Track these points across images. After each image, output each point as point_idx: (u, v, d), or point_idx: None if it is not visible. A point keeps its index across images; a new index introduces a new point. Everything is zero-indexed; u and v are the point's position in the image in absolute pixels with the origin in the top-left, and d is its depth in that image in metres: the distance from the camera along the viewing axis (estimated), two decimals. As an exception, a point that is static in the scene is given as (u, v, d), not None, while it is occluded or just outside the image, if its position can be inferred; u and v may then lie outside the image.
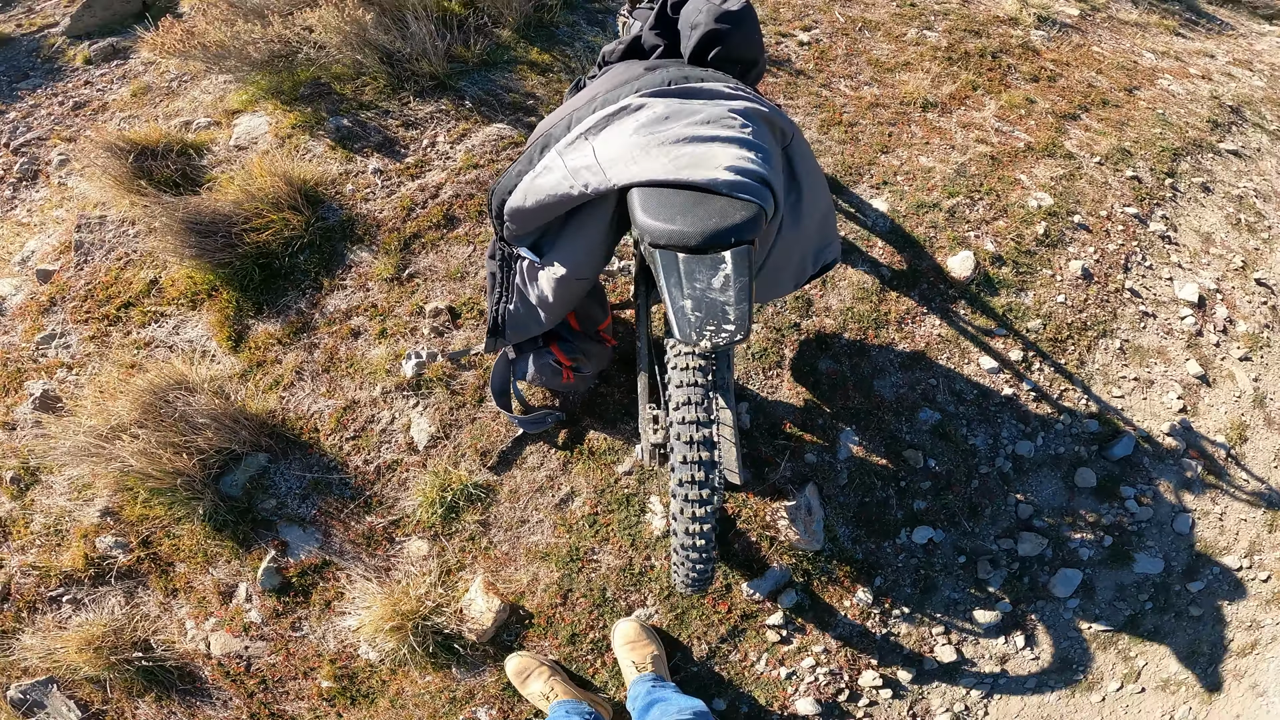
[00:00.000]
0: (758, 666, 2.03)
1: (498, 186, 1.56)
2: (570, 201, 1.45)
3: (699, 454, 1.45)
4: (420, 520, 2.10)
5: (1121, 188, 3.12)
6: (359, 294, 2.42)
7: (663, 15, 1.70)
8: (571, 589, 2.06)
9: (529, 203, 1.50)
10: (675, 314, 1.35)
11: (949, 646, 2.14)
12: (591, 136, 1.44)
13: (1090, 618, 2.25)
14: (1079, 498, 2.35)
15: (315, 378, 2.30)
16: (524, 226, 1.57)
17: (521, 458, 2.20)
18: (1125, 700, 2.22)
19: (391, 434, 2.23)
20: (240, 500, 2.11)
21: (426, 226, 2.51)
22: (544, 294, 1.69)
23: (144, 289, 2.50)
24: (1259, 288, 3.04)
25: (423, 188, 2.60)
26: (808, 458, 2.23)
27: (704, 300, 1.30)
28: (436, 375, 2.26)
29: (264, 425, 2.17)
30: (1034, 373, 2.49)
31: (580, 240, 1.57)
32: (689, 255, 1.25)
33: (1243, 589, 2.40)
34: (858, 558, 2.16)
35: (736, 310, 1.31)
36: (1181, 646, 2.29)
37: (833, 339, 2.41)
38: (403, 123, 2.80)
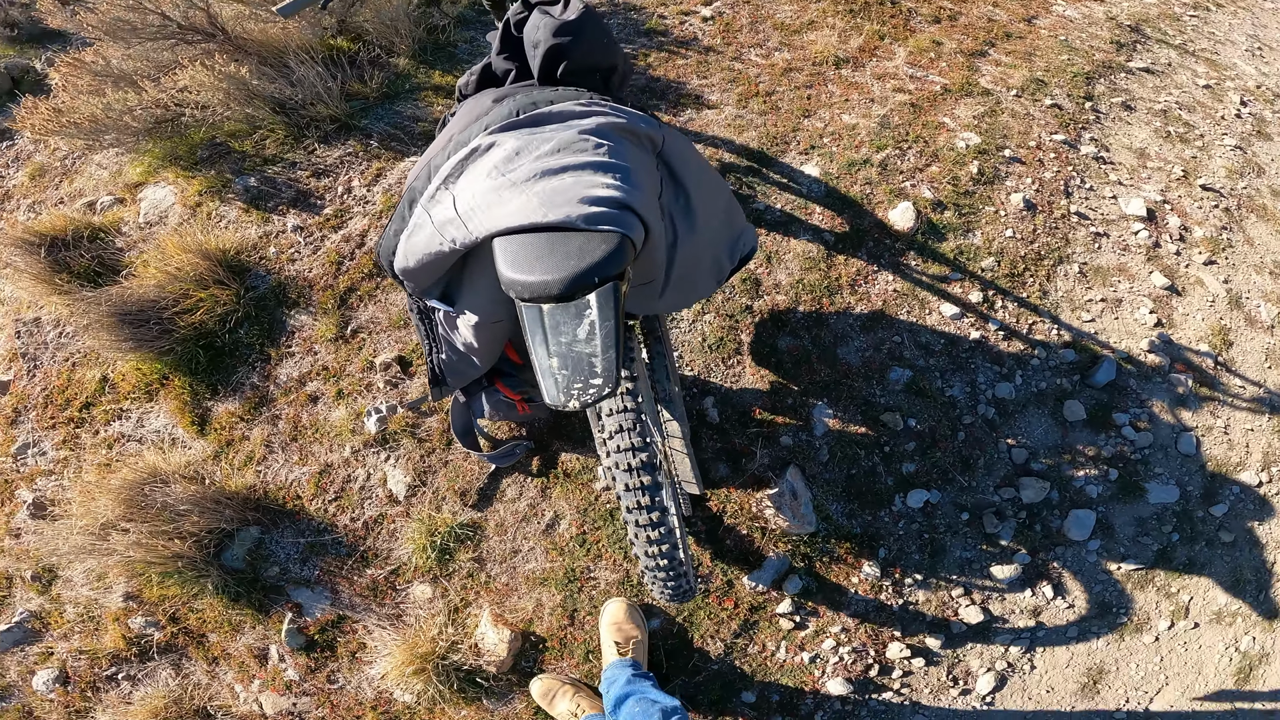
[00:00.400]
0: (778, 655, 2.21)
1: (381, 250, 1.60)
2: (448, 258, 1.47)
3: (640, 480, 1.53)
4: (417, 566, 2.31)
5: (1044, 117, 3.37)
6: (307, 359, 2.60)
7: (508, 37, 1.74)
8: (576, 608, 2.24)
9: (412, 263, 1.52)
10: (542, 375, 1.34)
11: (974, 607, 2.29)
12: (451, 185, 1.46)
13: (1116, 558, 2.40)
14: (1073, 433, 2.53)
15: (285, 448, 2.50)
16: (422, 283, 1.60)
17: (500, 492, 2.38)
18: (1180, 638, 2.38)
19: (370, 490, 2.42)
20: (245, 571, 2.34)
21: (360, 278, 2.69)
22: (468, 340, 1.77)
23: (98, 388, 2.70)
24: (1206, 193, 3.28)
25: (347, 238, 2.79)
26: (783, 440, 2.41)
27: (569, 355, 1.30)
28: (400, 427, 2.45)
29: (247, 501, 2.39)
30: (998, 311, 2.68)
31: (482, 285, 1.60)
32: (554, 306, 1.27)
33: (1269, 506, 2.57)
34: (856, 532, 2.33)
35: (603, 360, 1.30)
36: (1224, 576, 2.45)
37: (788, 314, 2.60)
38: (312, 172, 2.98)
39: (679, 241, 1.63)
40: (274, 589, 2.34)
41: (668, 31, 3.55)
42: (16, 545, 2.53)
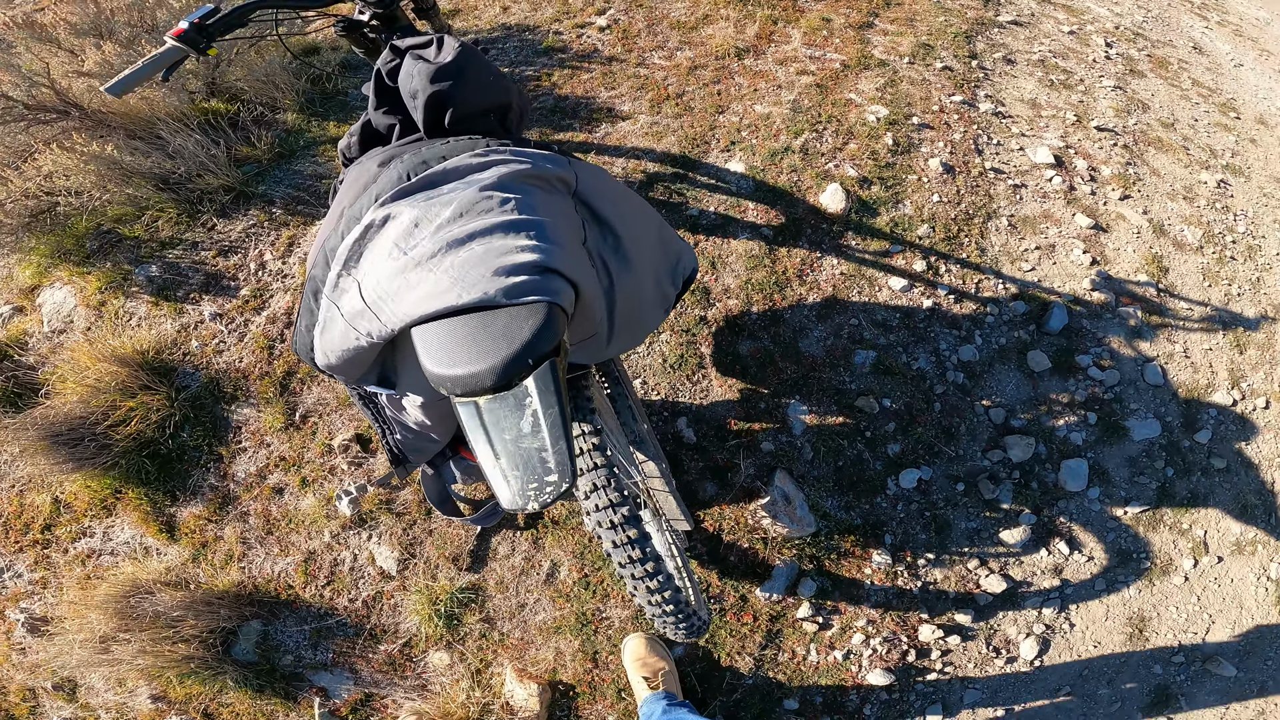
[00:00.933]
0: (810, 658, 2.34)
1: (297, 347, 1.54)
2: (370, 351, 1.39)
3: (625, 535, 1.56)
4: (428, 635, 2.40)
5: (939, 80, 3.67)
6: (262, 452, 2.66)
7: (382, 88, 1.65)
8: (596, 650, 2.36)
9: (334, 359, 1.45)
10: (493, 478, 1.25)
11: (994, 576, 2.45)
12: (352, 269, 1.39)
13: (1119, 502, 2.60)
14: (1043, 383, 2.75)
15: (262, 542, 2.56)
16: (350, 376, 1.53)
17: (492, 550, 2.48)
18: (1209, 574, 2.57)
19: (360, 569, 2.50)
20: (260, 663, 2.41)
21: (296, 360, 2.70)
22: (419, 419, 1.78)
23: (53, 509, 2.72)
24: (1102, 134, 3.63)
25: (273, 319, 2.80)
26: (764, 446, 2.56)
27: (518, 453, 1.22)
28: (375, 505, 2.55)
29: (239, 597, 2.46)
30: (944, 275, 2.91)
31: (416, 366, 1.64)
32: (490, 400, 1.22)
33: (1250, 424, 2.81)
34: (857, 524, 2.50)
35: (555, 455, 1.22)
36: (1229, 504, 2.66)
37: (743, 318, 2.79)
38: (218, 251, 3.00)
39: (615, 284, 1.59)
40: (294, 676, 2.41)
41: (566, 47, 3.69)
42: (26, 660, 2.59)
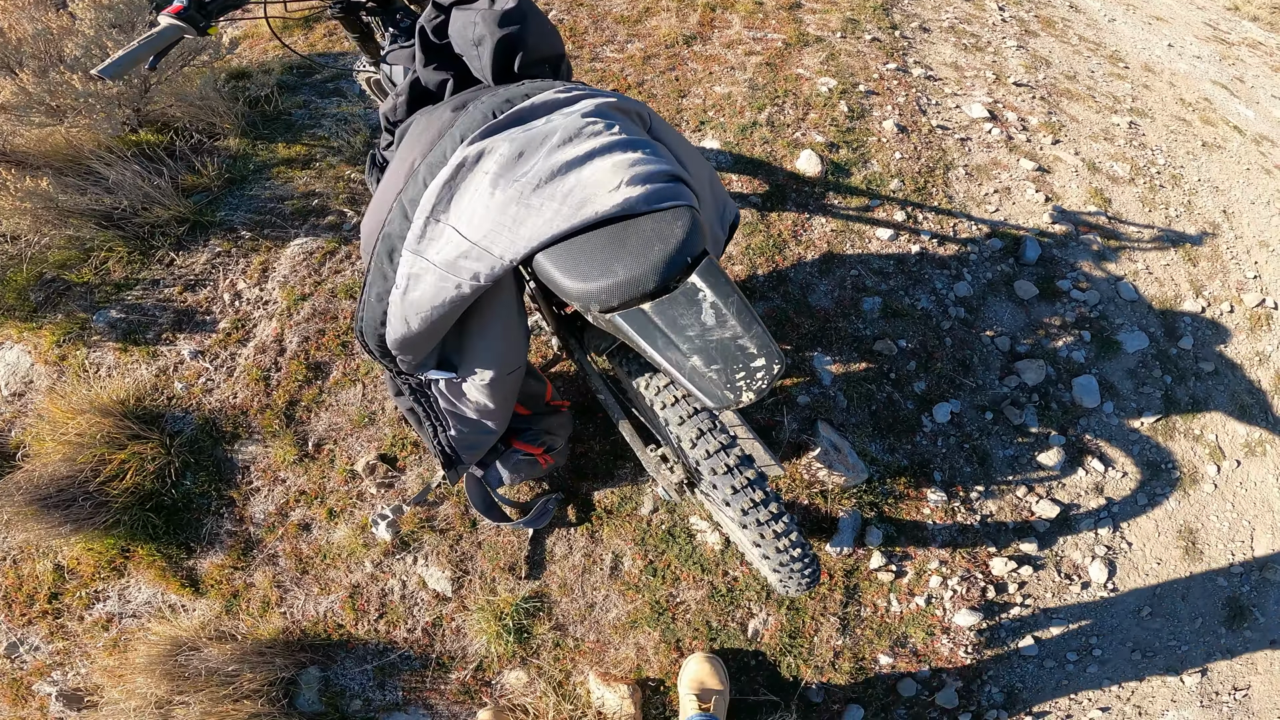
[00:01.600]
0: (894, 608, 2.26)
1: (364, 323, 1.45)
2: (464, 302, 1.34)
3: (745, 477, 1.48)
4: (499, 655, 2.18)
5: (871, 50, 3.82)
6: (278, 489, 2.39)
7: (429, 47, 1.59)
8: (679, 638, 2.20)
9: (414, 326, 1.39)
10: (691, 380, 1.19)
11: (1044, 501, 2.44)
12: (443, 216, 1.31)
13: (1133, 414, 2.66)
14: (1034, 310, 2.83)
15: (299, 583, 2.29)
16: (419, 351, 1.49)
17: (549, 553, 2.29)
18: (1233, 480, 2.64)
19: (413, 596, 2.26)
20: (328, 713, 2.18)
21: (297, 387, 2.49)
22: (481, 404, 1.68)
23: (55, 577, 2.36)
24: (1020, 89, 3.86)
25: (261, 348, 2.56)
26: (800, 400, 2.51)
27: (711, 347, 1.16)
28: (414, 525, 2.32)
29: (289, 644, 2.21)
30: (923, 223, 3.00)
31: (493, 333, 1.52)
32: (657, 303, 1.16)
33: (1222, 328, 2.94)
34: (904, 465, 2.46)
35: (754, 338, 1.16)
36: (1229, 406, 2.76)
37: (751, 281, 2.76)
38: (183, 286, 2.73)
39: None
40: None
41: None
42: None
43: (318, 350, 2.56)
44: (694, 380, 1.20)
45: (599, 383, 1.87)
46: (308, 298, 2.68)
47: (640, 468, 2.36)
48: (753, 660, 2.19)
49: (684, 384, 1.21)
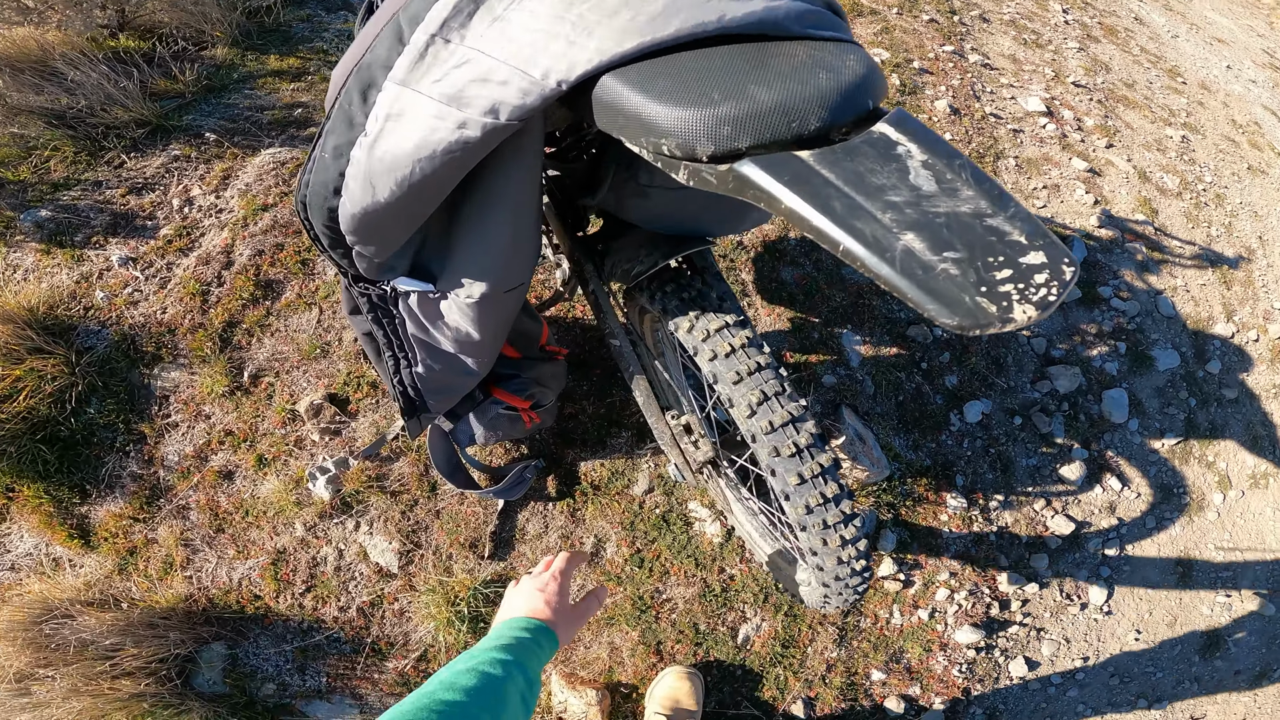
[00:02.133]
0: (894, 620, 2.01)
1: (309, 190, 1.02)
2: (467, 157, 0.91)
3: (818, 462, 1.13)
4: (449, 644, 1.82)
5: (928, 31, 3.54)
6: (200, 427, 1.97)
7: None
8: (660, 640, 1.88)
9: (383, 195, 0.95)
10: (906, 274, 0.69)
11: (1060, 516, 2.22)
12: (457, 33, 0.89)
13: (1155, 434, 2.45)
14: (1072, 313, 2.57)
15: (212, 543, 1.88)
16: (386, 241, 1.06)
17: (519, 530, 1.92)
18: (1235, 509, 2.45)
19: (350, 569, 1.88)
20: (234, 695, 1.82)
21: (240, 307, 2.07)
22: (463, 332, 1.26)
23: None
24: (1079, 89, 3.61)
25: (206, 259, 2.14)
26: (825, 380, 2.18)
27: (934, 222, 0.70)
28: (360, 484, 1.91)
29: (190, 615, 1.84)
30: None
31: (496, 225, 1.07)
32: (823, 153, 0.74)
33: (1247, 356, 2.74)
34: (927, 464, 2.17)
35: (1015, 219, 0.70)
36: (1242, 436, 2.57)
37: (781, 243, 2.41)
38: (128, 189, 2.29)
39: None
40: (281, 709, 1.83)
41: None
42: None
43: (272, 266, 2.14)
44: (912, 276, 0.69)
45: (615, 324, 1.44)
46: (270, 209, 2.26)
47: (639, 438, 2.01)
48: (739, 670, 1.90)
49: (890, 280, 0.70)
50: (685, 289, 1.24)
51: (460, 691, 0.77)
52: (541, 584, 1.05)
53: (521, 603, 1.02)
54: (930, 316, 0.66)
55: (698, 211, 1.21)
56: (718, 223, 1.28)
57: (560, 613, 1.01)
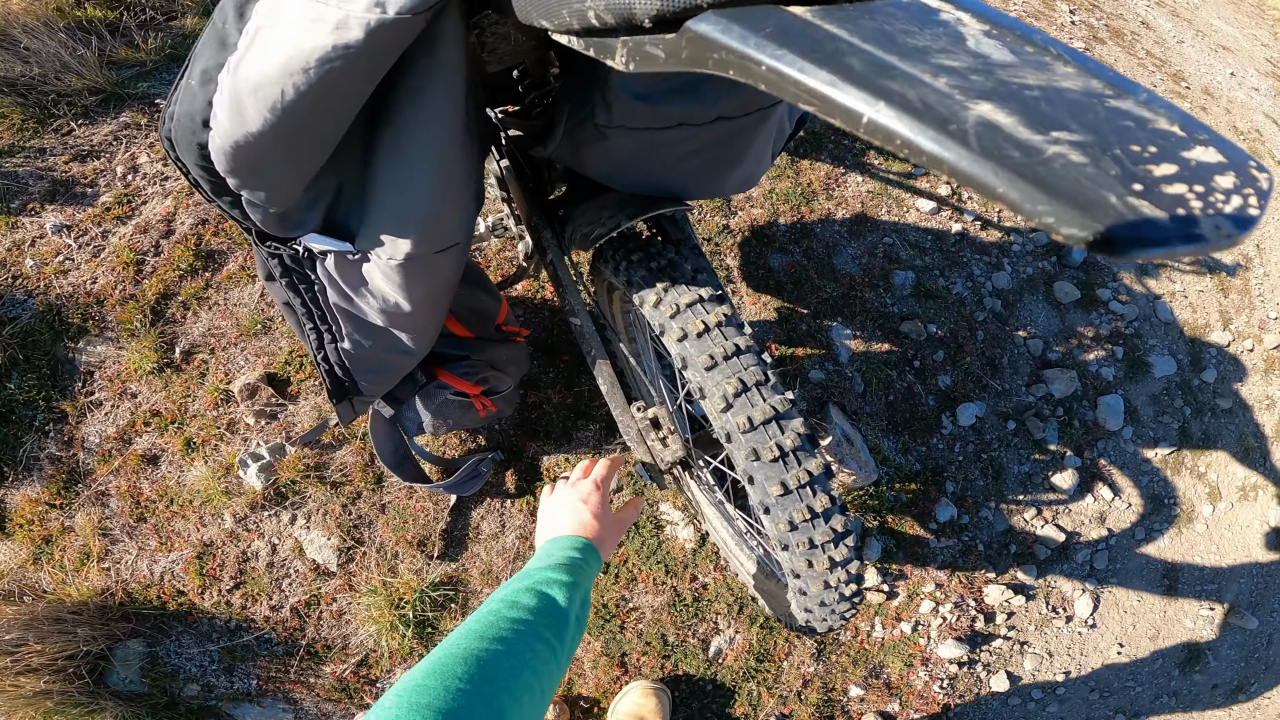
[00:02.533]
0: (875, 634, 1.88)
1: (175, 122, 0.83)
2: (345, 71, 0.70)
3: (806, 470, 0.94)
4: (392, 649, 1.64)
5: None
6: (125, 406, 1.78)
7: None
8: (625, 651, 1.72)
9: (252, 121, 0.76)
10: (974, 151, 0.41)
11: (1050, 526, 2.10)
12: None
13: (1149, 443, 2.32)
14: (1069, 315, 2.42)
15: (133, 534, 1.70)
16: (275, 185, 0.86)
17: (473, 528, 1.74)
18: (1223, 521, 2.34)
19: (285, 565, 1.70)
20: (154, 695, 1.65)
21: (177, 278, 1.88)
22: (390, 300, 1.06)
23: None
24: None
25: (144, 228, 1.95)
26: (813, 375, 2.02)
27: (1024, 91, 0.46)
28: (297, 473, 1.73)
29: (105, 610, 1.65)
30: (968, 202, 2.54)
31: (416, 163, 0.87)
32: (829, 10, 0.53)
33: (1242, 366, 2.63)
34: (917, 469, 2.02)
35: (1152, 103, 0.47)
36: (1234, 447, 2.45)
37: (771, 228, 2.23)
38: (73, 156, 2.10)
39: None
40: (207, 711, 1.68)
41: None
42: None
43: (215, 236, 1.95)
44: (1001, 157, 0.41)
45: (576, 300, 1.23)
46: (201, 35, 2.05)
47: (608, 432, 1.84)
48: (709, 685, 1.74)
49: (960, 164, 0.42)
50: (654, 258, 1.04)
51: (525, 610, 0.74)
52: (584, 494, 0.96)
53: (567, 518, 0.94)
54: (1047, 224, 0.40)
55: (669, 164, 1.01)
56: (693, 180, 1.08)
57: (605, 527, 0.95)
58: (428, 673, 0.63)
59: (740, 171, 1.10)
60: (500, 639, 0.69)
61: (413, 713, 0.58)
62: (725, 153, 1.00)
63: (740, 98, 0.90)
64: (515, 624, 0.72)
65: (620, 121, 0.91)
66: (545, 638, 0.73)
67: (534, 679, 0.68)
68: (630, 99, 0.85)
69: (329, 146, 0.81)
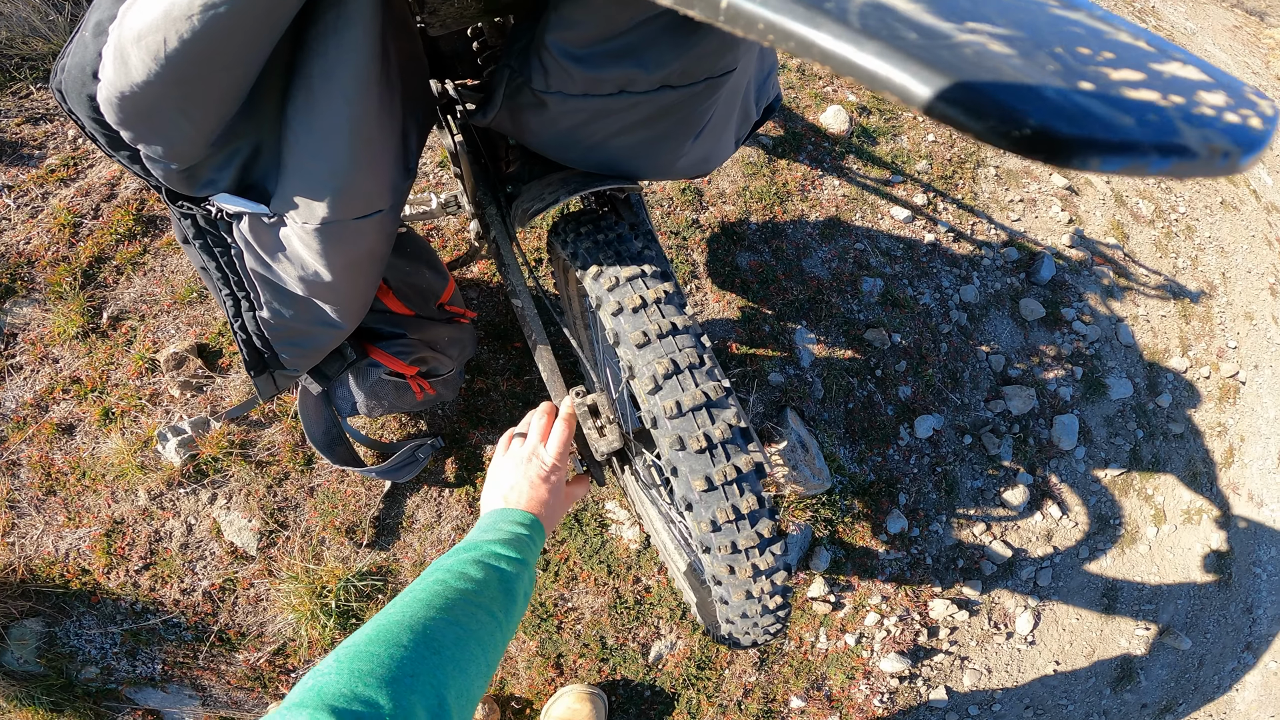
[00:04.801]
0: (819, 645, 1.75)
1: (65, 73, 0.73)
2: (231, 18, 0.60)
3: (733, 465, 0.82)
4: (312, 639, 1.47)
5: None
6: (45, 370, 1.58)
7: None
8: (561, 653, 1.56)
9: (136, 71, 0.65)
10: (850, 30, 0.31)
11: (998, 542, 1.98)
12: None
13: (1100, 464, 2.21)
14: (1033, 333, 2.28)
15: (40, 506, 1.51)
16: (170, 138, 0.74)
17: (407, 517, 1.56)
18: (1167, 543, 2.24)
19: (200, 547, 1.51)
20: (50, 676, 1.47)
21: (113, 241, 1.69)
22: (309, 269, 0.92)
23: None
24: None
25: (86, 191, 1.75)
26: (773, 378, 1.85)
27: None
28: (220, 449, 1.53)
29: (4, 587, 1.47)
30: (942, 213, 2.36)
31: (325, 125, 0.75)
32: None
33: (1196, 392, 2.52)
34: (870, 480, 1.88)
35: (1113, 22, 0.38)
36: (1182, 471, 2.35)
37: (741, 226, 2.05)
38: (25, 119, 1.89)
39: None
40: (106, 694, 1.49)
41: None
42: None
43: (159, 202, 1.74)
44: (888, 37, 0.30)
45: (519, 281, 1.11)
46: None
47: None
48: (648, 691, 1.59)
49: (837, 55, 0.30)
50: (602, 231, 0.93)
51: (472, 582, 0.69)
52: (541, 471, 0.88)
53: (520, 488, 0.86)
54: (949, 114, 0.28)
55: (613, 135, 0.87)
56: (642, 156, 0.93)
57: (555, 502, 0.87)
58: (370, 639, 0.58)
59: (695, 151, 0.96)
60: (446, 609, 0.64)
61: (354, 679, 0.53)
62: (674, 126, 0.87)
63: (684, 62, 0.77)
64: (462, 595, 0.66)
65: (557, 87, 0.80)
66: (492, 611, 0.67)
67: (480, 652, 0.64)
68: (568, 61, 0.75)
69: (229, 101, 0.71)
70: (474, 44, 1.02)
